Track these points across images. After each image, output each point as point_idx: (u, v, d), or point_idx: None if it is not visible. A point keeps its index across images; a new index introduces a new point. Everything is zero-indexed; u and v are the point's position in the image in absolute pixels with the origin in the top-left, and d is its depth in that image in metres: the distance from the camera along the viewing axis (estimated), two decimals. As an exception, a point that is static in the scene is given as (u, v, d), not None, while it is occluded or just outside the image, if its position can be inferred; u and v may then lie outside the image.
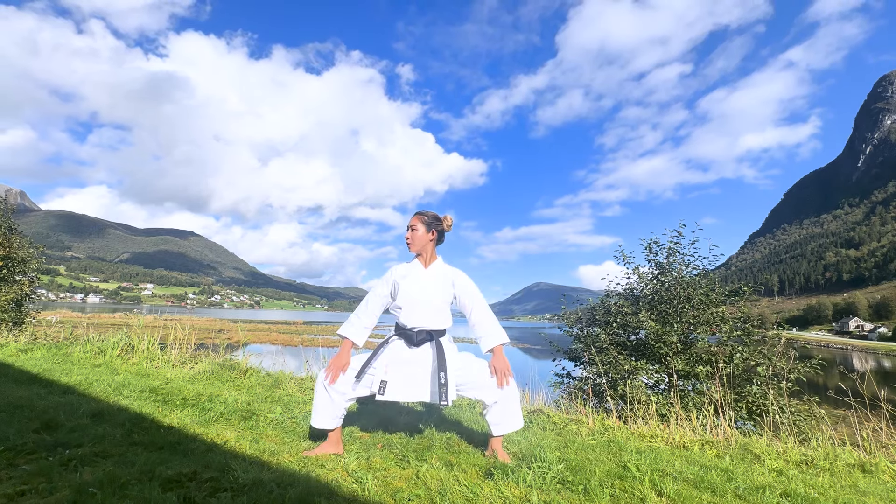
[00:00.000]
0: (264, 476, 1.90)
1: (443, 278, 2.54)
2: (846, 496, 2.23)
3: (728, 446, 3.05)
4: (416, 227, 2.55)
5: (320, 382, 2.41)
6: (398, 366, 2.40)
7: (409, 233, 2.56)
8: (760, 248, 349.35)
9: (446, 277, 2.55)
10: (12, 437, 2.18)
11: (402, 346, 2.46)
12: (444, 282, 2.53)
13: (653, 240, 6.48)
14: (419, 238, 2.55)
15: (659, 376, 5.48)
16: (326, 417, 2.38)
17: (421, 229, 2.54)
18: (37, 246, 9.78)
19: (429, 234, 2.55)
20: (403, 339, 2.47)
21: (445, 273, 2.57)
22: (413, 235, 2.55)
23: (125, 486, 1.70)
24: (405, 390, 2.35)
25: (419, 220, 2.57)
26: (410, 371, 2.39)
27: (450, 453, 2.47)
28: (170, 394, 3.47)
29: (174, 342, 5.61)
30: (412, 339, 2.44)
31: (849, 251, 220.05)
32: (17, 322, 8.62)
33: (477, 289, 2.58)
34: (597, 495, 1.96)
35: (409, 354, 2.43)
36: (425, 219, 2.57)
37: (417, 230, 2.55)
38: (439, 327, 2.48)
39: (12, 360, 4.66)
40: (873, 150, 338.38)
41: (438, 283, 2.52)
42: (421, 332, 2.45)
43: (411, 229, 2.56)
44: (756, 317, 6.11)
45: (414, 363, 2.41)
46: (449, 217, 2.62)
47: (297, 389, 4.10)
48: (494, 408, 2.44)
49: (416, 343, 2.44)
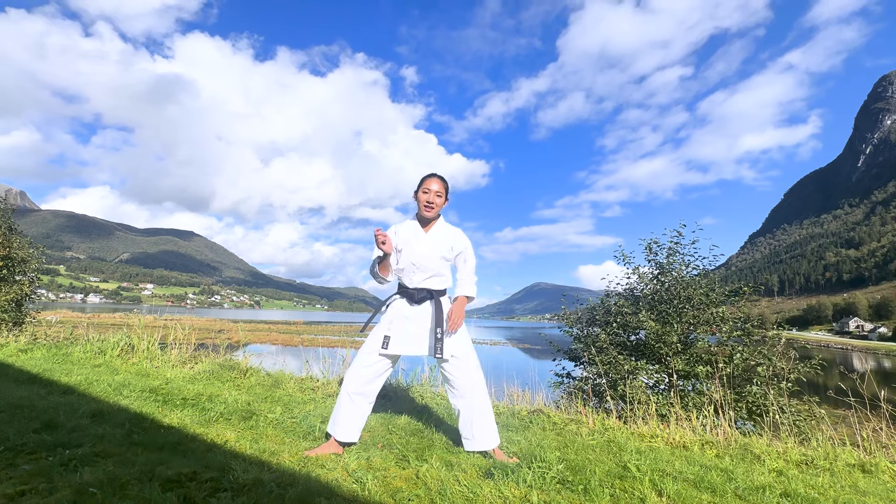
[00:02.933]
0: (264, 476, 1.90)
1: (443, 239, 2.53)
2: (846, 496, 2.23)
3: (728, 446, 3.05)
4: (441, 194, 2.51)
5: (345, 390, 2.44)
6: (400, 322, 2.47)
7: (432, 196, 2.48)
8: (760, 248, 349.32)
9: (447, 238, 2.54)
10: (12, 437, 2.18)
11: (404, 304, 2.52)
12: (444, 243, 2.53)
13: (653, 240, 6.48)
14: (441, 204, 2.53)
15: (659, 376, 5.47)
16: (352, 429, 2.42)
17: (443, 196, 2.52)
18: (37, 246, 9.77)
19: (445, 200, 2.55)
20: (405, 297, 2.52)
21: (446, 234, 2.55)
22: (437, 202, 2.50)
23: (125, 486, 1.70)
24: (406, 345, 2.44)
25: (443, 186, 2.52)
26: (412, 328, 2.46)
27: (450, 453, 2.47)
28: (170, 394, 3.47)
29: (174, 342, 5.61)
30: (413, 297, 2.50)
31: (849, 251, 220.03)
32: (17, 322, 8.61)
33: (471, 252, 2.61)
34: (597, 495, 1.96)
35: (410, 311, 2.49)
36: (447, 184, 2.54)
37: (442, 196, 2.51)
38: (439, 287, 2.54)
39: (12, 360, 4.66)
40: (873, 150, 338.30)
41: (439, 244, 2.51)
42: (422, 291, 2.50)
43: (437, 195, 2.49)
44: (756, 317, 6.10)
45: (414, 320, 2.47)
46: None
47: (297, 389, 4.10)
48: (462, 417, 2.47)
49: (417, 301, 2.49)
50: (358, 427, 2.44)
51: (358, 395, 2.43)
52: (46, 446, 2.12)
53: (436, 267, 2.51)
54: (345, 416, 2.41)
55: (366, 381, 2.45)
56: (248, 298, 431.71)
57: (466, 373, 2.47)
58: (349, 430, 2.41)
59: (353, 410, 2.42)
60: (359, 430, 2.46)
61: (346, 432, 2.40)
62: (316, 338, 30.20)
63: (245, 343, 9.90)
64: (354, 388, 2.43)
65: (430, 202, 2.48)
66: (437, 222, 2.57)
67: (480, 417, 2.44)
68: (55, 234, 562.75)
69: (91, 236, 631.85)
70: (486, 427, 2.45)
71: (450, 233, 2.56)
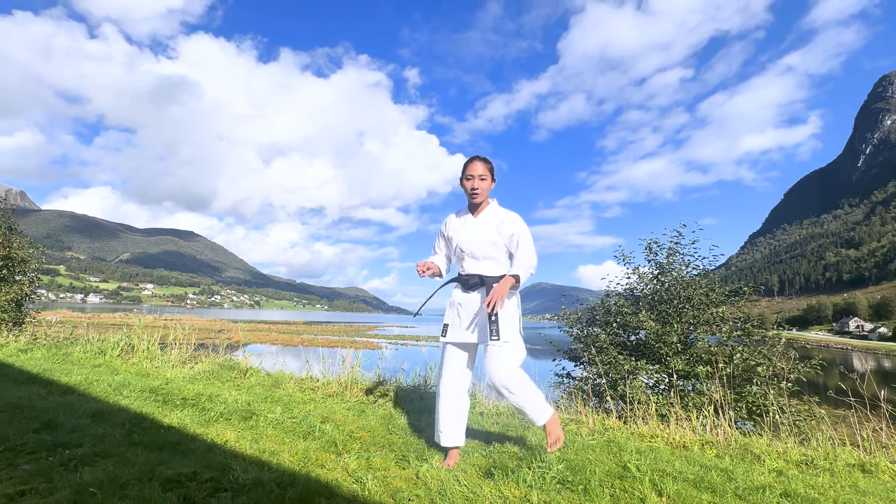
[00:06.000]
0: (264, 476, 1.90)
1: (491, 224, 2.43)
2: (846, 496, 2.23)
3: (728, 446, 3.04)
4: (486, 177, 2.41)
5: (443, 396, 2.41)
6: (455, 308, 2.46)
7: (476, 182, 2.40)
8: (760, 248, 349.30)
9: (495, 222, 2.43)
10: (12, 437, 2.19)
11: (458, 291, 2.50)
12: (492, 228, 2.43)
13: (653, 240, 6.48)
14: (487, 188, 2.44)
15: (659, 376, 5.47)
16: (459, 433, 2.38)
17: (488, 178, 2.43)
18: (37, 246, 9.78)
19: (492, 182, 2.46)
20: (460, 284, 2.50)
21: (495, 217, 2.45)
22: (482, 186, 2.41)
23: (125, 486, 1.70)
24: (459, 333, 2.41)
25: (486, 167, 2.42)
26: (464, 314, 2.42)
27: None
28: (170, 394, 3.47)
29: (174, 342, 5.60)
30: (466, 284, 2.45)
31: (849, 251, 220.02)
32: (17, 322, 8.62)
33: (525, 235, 2.42)
34: (597, 495, 1.96)
35: (463, 298, 2.46)
36: (491, 165, 2.44)
37: (486, 180, 2.42)
38: (492, 273, 2.44)
39: (12, 360, 4.66)
40: (873, 150, 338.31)
41: (486, 229, 2.43)
42: (473, 277, 2.45)
43: (480, 178, 2.40)
44: (756, 317, 6.10)
45: (466, 306, 2.43)
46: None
47: (297, 389, 4.10)
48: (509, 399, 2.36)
49: (470, 287, 2.44)
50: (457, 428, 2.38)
51: (444, 392, 2.42)
52: (46, 446, 2.12)
53: (485, 251, 2.42)
54: (441, 419, 2.39)
55: (447, 376, 2.43)
56: (248, 298, 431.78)
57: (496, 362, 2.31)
58: (450, 434, 2.36)
59: (448, 410, 2.38)
60: (459, 430, 2.39)
61: (447, 437, 2.36)
62: (316, 338, 30.19)
63: (245, 343, 9.90)
64: (440, 384, 2.44)
65: (475, 188, 2.41)
66: (487, 206, 2.48)
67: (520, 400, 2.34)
68: (56, 235, 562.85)
69: (92, 236, 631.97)
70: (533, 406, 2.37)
71: (499, 216, 2.44)
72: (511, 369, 2.30)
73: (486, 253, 2.43)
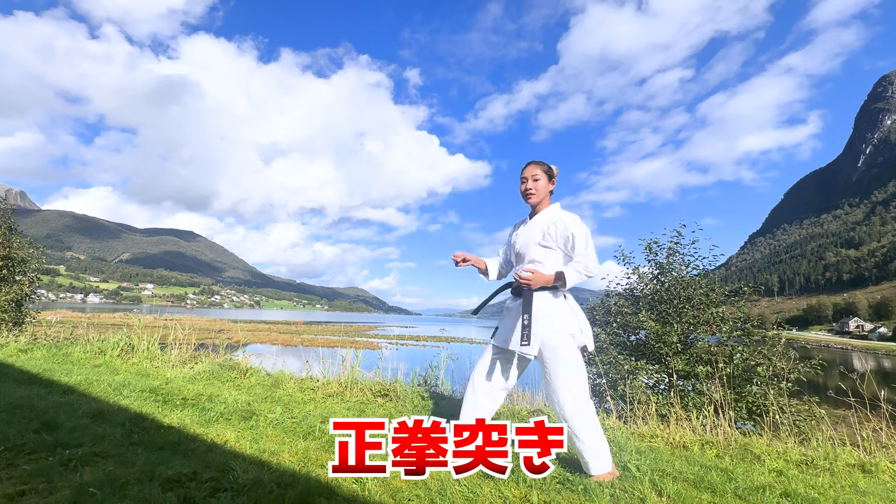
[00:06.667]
0: (264, 476, 1.90)
1: (541, 226, 2.35)
2: (846, 496, 2.23)
3: (728, 446, 3.04)
4: (539, 178, 2.37)
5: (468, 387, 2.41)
6: (504, 312, 2.46)
7: (530, 184, 2.37)
8: (760, 248, 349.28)
9: (546, 224, 2.34)
10: (12, 437, 2.19)
11: (509, 295, 2.49)
12: (540, 230, 2.35)
13: (653, 240, 6.49)
14: (542, 189, 2.38)
15: (659, 376, 5.48)
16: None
17: (543, 179, 2.38)
18: (37, 246, 9.78)
19: (549, 183, 2.41)
20: (511, 288, 2.48)
21: (547, 220, 2.36)
22: (536, 186, 2.37)
23: (125, 486, 1.70)
24: (503, 336, 2.38)
25: (540, 169, 2.38)
26: (509, 318, 2.39)
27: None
28: (170, 394, 3.47)
29: (174, 342, 5.61)
30: (514, 289, 2.44)
31: (849, 251, 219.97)
32: (17, 322, 8.62)
33: (581, 235, 2.26)
34: (597, 495, 1.96)
35: (512, 303, 2.45)
36: (546, 167, 2.40)
37: (540, 180, 2.37)
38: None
39: (12, 360, 4.66)
40: (873, 150, 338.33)
41: (535, 232, 2.38)
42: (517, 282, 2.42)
43: (533, 179, 2.37)
44: (756, 317, 6.10)
45: (511, 311, 2.41)
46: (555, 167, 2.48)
47: (297, 389, 4.10)
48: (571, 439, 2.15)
49: (516, 291, 2.41)
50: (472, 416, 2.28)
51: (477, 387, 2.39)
52: (46, 446, 2.12)
53: (532, 254, 2.35)
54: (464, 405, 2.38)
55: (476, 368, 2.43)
56: (249, 298, 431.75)
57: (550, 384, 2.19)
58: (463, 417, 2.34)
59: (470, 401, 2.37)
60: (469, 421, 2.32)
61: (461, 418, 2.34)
62: (316, 338, 30.19)
63: (245, 343, 9.89)
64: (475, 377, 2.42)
65: (528, 190, 2.38)
66: (545, 209, 2.41)
67: (585, 437, 2.14)
68: (56, 235, 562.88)
69: (92, 236, 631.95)
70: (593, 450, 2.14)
71: (552, 219, 2.34)
72: (569, 396, 2.16)
73: (533, 256, 2.34)
